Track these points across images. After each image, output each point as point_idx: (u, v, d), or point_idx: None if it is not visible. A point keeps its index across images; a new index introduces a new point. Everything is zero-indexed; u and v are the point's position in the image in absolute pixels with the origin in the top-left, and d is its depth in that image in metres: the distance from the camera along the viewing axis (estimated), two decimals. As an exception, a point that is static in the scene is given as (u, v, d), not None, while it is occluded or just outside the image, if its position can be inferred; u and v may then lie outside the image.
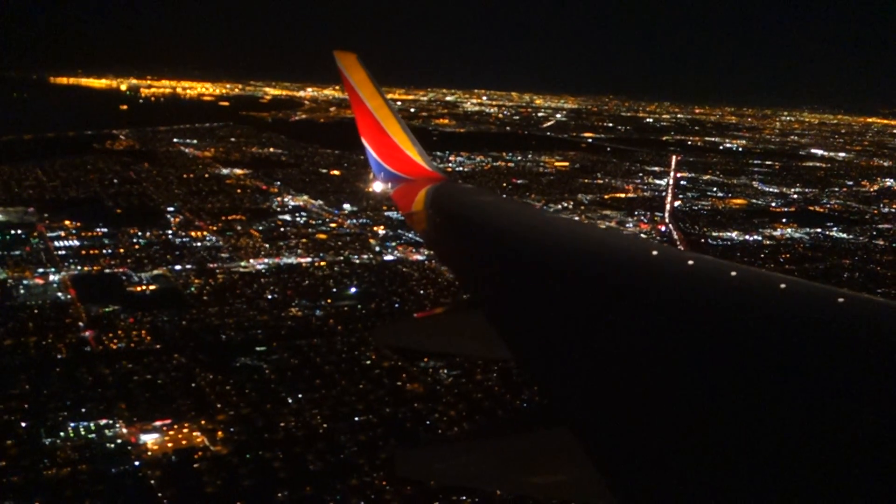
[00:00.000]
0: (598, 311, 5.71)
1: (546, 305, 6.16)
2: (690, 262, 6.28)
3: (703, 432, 3.68)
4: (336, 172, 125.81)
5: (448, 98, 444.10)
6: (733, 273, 5.87)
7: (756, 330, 4.82)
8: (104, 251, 69.40)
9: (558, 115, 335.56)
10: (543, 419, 4.63)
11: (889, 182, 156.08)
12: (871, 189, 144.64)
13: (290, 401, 41.82)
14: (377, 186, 13.47)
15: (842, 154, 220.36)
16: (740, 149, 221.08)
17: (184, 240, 75.31)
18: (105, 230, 76.61)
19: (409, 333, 8.88)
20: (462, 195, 14.03)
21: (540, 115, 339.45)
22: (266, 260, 69.47)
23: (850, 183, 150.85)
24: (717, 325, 4.99)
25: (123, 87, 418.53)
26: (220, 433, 38.00)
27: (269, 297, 59.22)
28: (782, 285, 5.40)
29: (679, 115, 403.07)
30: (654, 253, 6.93)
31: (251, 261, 68.99)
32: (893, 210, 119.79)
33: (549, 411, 4.61)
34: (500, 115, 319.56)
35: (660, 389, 4.21)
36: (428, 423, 40.32)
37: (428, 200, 12.28)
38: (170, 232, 78.03)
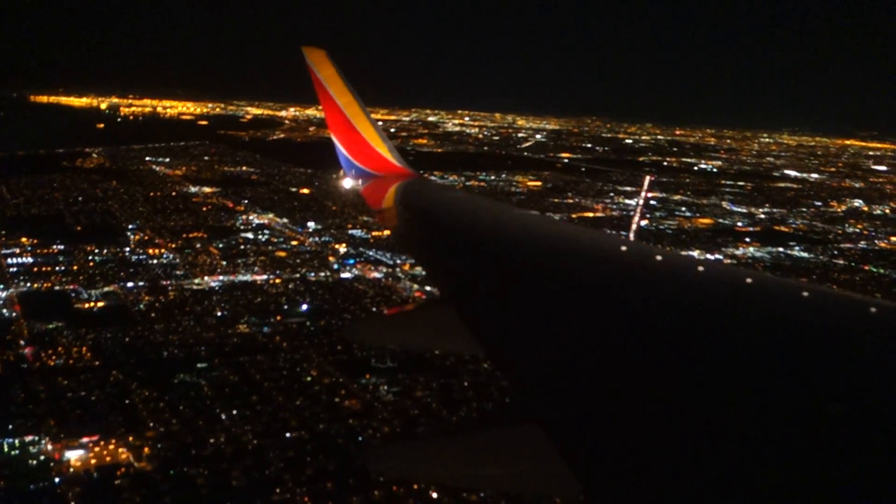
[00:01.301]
0: (568, 307, 5.71)
1: (516, 301, 6.13)
2: (659, 258, 6.34)
3: (672, 426, 3.68)
4: (306, 191, 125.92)
5: (430, 118, 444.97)
6: (700, 268, 6.00)
7: (724, 324, 4.86)
8: (57, 268, 68.91)
9: (538, 136, 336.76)
10: (514, 414, 4.61)
11: (857, 203, 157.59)
12: (839, 209, 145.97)
13: (223, 417, 41.56)
14: (347, 183, 13.47)
15: (815, 175, 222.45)
16: (715, 169, 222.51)
17: (140, 257, 74.95)
18: (61, 247, 76.05)
19: (380, 329, 8.86)
20: (432, 191, 14.06)
21: (520, 135, 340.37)
22: (221, 277, 69.20)
23: (819, 203, 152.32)
24: (685, 321, 5.01)
25: (104, 106, 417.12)
26: (146, 449, 37.67)
27: (219, 314, 58.98)
28: (748, 280, 5.51)
29: (659, 137, 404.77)
30: (623, 248, 7.01)
31: (205, 278, 68.71)
32: (857, 230, 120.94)
33: (519, 406, 4.61)
34: (480, 136, 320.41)
35: (629, 384, 4.21)
36: (360, 439, 40.15)
37: (398, 197, 12.28)
38: (127, 249, 77.62)
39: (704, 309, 5.19)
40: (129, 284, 65.19)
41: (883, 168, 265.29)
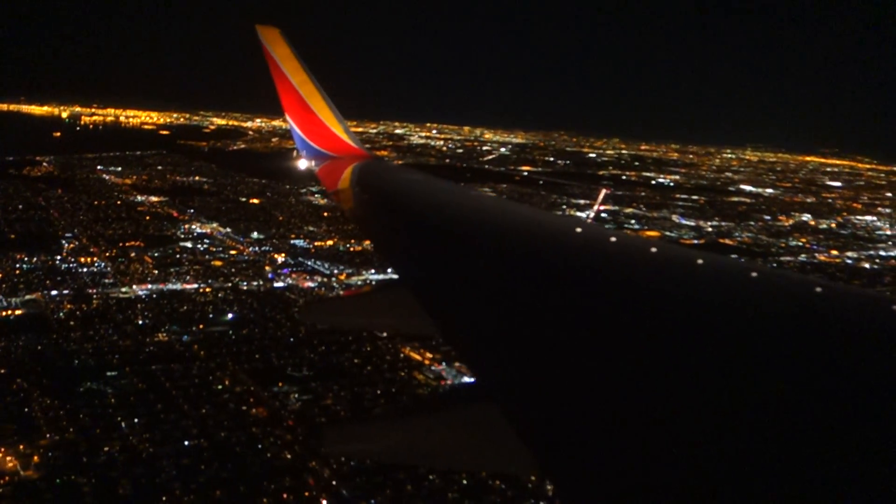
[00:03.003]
0: (523, 287, 5.73)
1: (472, 281, 6.16)
2: (613, 240, 6.44)
3: (627, 402, 3.71)
4: (256, 201, 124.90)
5: (397, 131, 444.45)
6: (653, 249, 6.05)
7: (675, 303, 4.93)
8: (-21, 276, 67.71)
9: (503, 149, 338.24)
10: (469, 393, 4.61)
11: (805, 217, 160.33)
12: (787, 223, 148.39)
13: (123, 425, 41.05)
14: (302, 164, 13.35)
15: (770, 190, 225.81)
16: (672, 184, 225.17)
17: (70, 266, 73.82)
18: (-11, 255, 74.73)
19: (337, 311, 8.63)
20: (389, 173, 14.20)
21: (485, 148, 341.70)
22: (149, 286, 68.44)
23: (768, 217, 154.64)
24: (638, 300, 5.07)
25: (65, 115, 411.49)
26: (36, 458, 37.06)
27: (140, 322, 58.32)
28: (699, 261, 5.56)
29: (623, 151, 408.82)
30: (578, 230, 7.07)
31: (134, 287, 67.90)
32: (800, 244, 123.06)
33: (474, 385, 4.56)
34: (444, 149, 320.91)
35: (583, 362, 4.24)
36: (259, 447, 39.86)
37: (354, 178, 12.30)
38: (58, 258, 76.34)
39: (657, 288, 5.31)
40: (53, 293, 64.24)
41: (837, 184, 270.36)
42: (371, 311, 7.50)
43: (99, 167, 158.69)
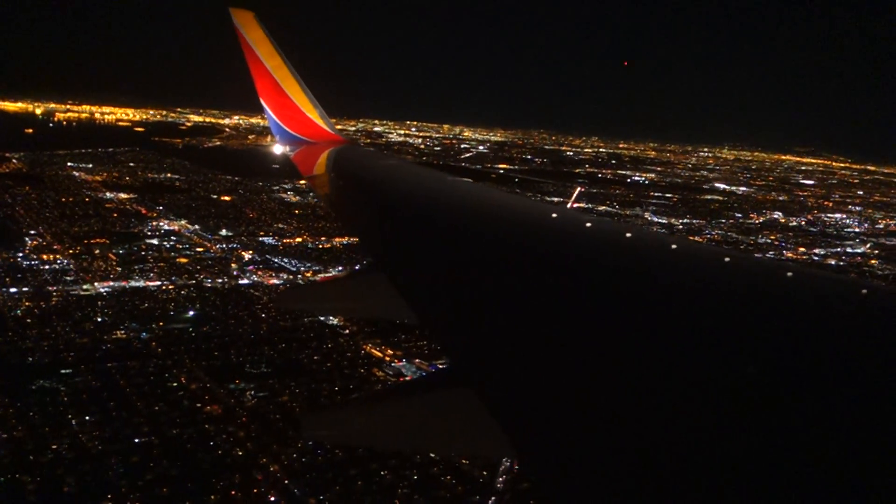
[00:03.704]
0: (501, 272, 5.71)
1: (449, 266, 6.12)
2: (589, 225, 6.44)
3: (600, 386, 3.71)
4: (227, 198, 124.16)
5: (377, 129, 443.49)
6: (628, 235, 6.10)
7: (650, 288, 4.95)
8: (-63, 273, 66.85)
9: (480, 147, 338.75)
10: (447, 378, 4.57)
11: (776, 215, 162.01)
12: (757, 221, 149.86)
13: (73, 423, 40.73)
14: (277, 149, 13.24)
15: (743, 188, 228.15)
16: (647, 181, 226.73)
17: (32, 263, 72.94)
18: (-53, 253, 73.80)
19: (313, 297, 8.56)
20: (365, 158, 14.02)
21: (463, 146, 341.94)
22: (112, 283, 67.85)
23: (739, 215, 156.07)
24: (613, 284, 5.09)
25: (39, 112, 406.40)
26: (-17, 456, 36.75)
27: (99, 319, 57.84)
28: (673, 245, 5.64)
29: (601, 149, 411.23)
30: (554, 216, 7.04)
31: (95, 284, 67.26)
32: (769, 241, 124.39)
33: (452, 370, 4.56)
34: (422, 146, 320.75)
35: (558, 347, 4.24)
36: (212, 444, 39.73)
37: (330, 163, 12.18)
38: (20, 255, 75.41)
39: (631, 273, 5.35)
40: (12, 290, 63.49)
41: (810, 182, 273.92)
42: (347, 296, 7.51)
43: (70, 164, 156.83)
